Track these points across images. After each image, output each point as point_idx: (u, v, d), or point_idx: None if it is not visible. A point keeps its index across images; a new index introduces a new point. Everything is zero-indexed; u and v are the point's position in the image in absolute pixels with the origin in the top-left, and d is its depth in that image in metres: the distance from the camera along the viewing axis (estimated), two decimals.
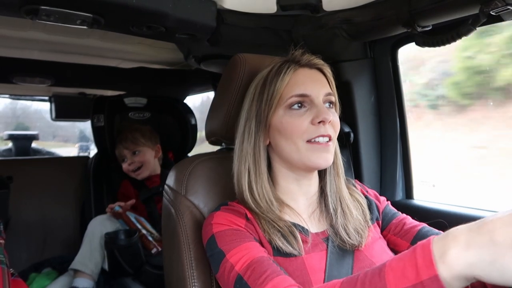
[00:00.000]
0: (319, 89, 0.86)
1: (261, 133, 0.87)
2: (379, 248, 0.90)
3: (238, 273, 0.73)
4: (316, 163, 0.84)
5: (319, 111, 0.83)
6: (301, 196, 0.91)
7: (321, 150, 0.83)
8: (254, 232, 0.82)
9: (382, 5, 1.09)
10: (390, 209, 1.01)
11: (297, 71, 0.87)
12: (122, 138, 2.04)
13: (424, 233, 0.92)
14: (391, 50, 1.35)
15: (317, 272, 0.80)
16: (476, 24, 0.95)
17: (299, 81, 0.86)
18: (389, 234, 0.97)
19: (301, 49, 0.90)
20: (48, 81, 2.19)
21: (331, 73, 0.91)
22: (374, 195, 1.02)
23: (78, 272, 1.77)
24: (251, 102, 0.89)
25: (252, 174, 0.87)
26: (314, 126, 0.83)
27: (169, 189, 0.99)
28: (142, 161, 2.03)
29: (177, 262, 0.91)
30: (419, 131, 1.49)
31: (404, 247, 0.93)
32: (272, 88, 0.85)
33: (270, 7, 1.16)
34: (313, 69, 0.89)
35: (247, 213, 0.84)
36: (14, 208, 1.98)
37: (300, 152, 0.84)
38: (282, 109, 0.85)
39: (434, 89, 1.62)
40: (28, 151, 3.13)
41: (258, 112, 0.87)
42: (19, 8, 0.97)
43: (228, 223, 0.81)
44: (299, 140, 0.83)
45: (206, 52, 1.44)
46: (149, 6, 1.02)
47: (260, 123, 0.87)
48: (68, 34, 1.60)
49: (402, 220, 0.97)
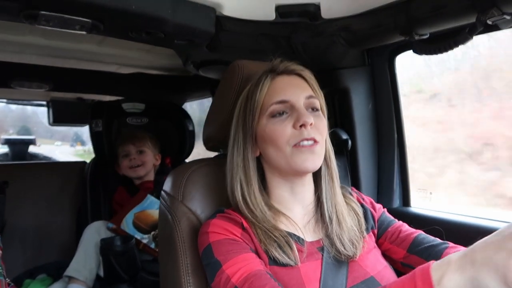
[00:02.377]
0: (298, 94, 0.86)
1: (248, 145, 0.88)
2: (373, 258, 0.90)
3: (235, 285, 0.72)
4: (303, 166, 0.83)
5: (299, 114, 0.83)
6: (296, 204, 0.90)
7: (306, 152, 0.83)
8: (250, 242, 0.81)
9: (380, 13, 1.10)
10: (386, 216, 1.01)
11: (275, 79, 0.88)
12: (130, 136, 2.09)
13: (420, 240, 0.92)
14: (389, 58, 1.36)
15: (312, 282, 0.79)
16: (473, 33, 0.95)
17: (277, 88, 0.87)
18: (385, 242, 0.97)
19: (279, 58, 0.91)
20: (46, 86, 2.19)
21: (313, 77, 0.91)
22: (370, 202, 1.02)
23: (72, 279, 1.76)
24: (238, 114, 0.91)
25: (244, 185, 0.87)
26: (297, 131, 0.83)
27: (166, 195, 0.99)
28: (144, 161, 2.05)
29: (173, 268, 0.91)
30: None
31: (401, 255, 0.93)
32: (253, 100, 0.87)
33: (268, 14, 1.16)
34: (292, 75, 0.90)
35: (243, 222, 0.84)
36: (10, 213, 1.97)
37: (287, 157, 0.84)
38: (265, 118, 0.86)
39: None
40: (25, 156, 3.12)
41: (244, 124, 0.88)
42: (18, 12, 0.97)
43: (225, 232, 0.81)
44: (285, 146, 0.84)
45: (205, 58, 1.45)
46: (148, 12, 1.02)
47: (247, 135, 0.88)
48: (67, 39, 1.61)
49: (398, 227, 0.97)
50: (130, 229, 1.80)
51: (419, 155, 1.51)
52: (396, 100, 1.37)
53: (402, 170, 1.40)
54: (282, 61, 0.90)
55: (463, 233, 1.11)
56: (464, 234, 1.10)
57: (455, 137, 1.55)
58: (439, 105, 1.62)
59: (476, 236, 0.98)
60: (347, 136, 1.33)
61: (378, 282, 0.84)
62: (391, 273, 0.90)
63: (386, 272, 0.89)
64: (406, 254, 0.93)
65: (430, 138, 1.60)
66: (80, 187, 2.35)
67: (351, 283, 0.83)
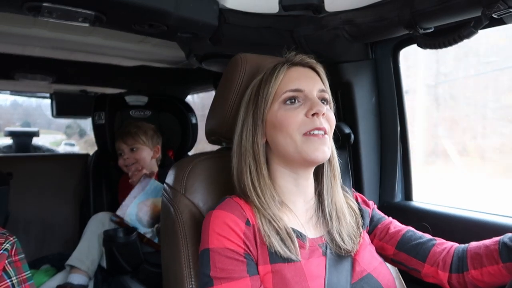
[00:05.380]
0: (312, 85, 0.87)
1: (258, 131, 0.88)
2: (368, 255, 0.91)
3: None
4: (314, 155, 0.83)
5: (313, 103, 0.84)
6: (299, 197, 0.91)
7: (318, 142, 0.83)
8: (252, 243, 0.80)
9: (384, 7, 1.09)
10: (376, 213, 1.02)
11: (291, 69, 0.89)
12: (123, 133, 2.04)
13: (408, 237, 0.94)
14: (392, 52, 1.35)
15: (316, 279, 0.80)
16: (478, 27, 0.94)
17: (293, 77, 0.87)
18: (375, 239, 0.98)
19: (294, 51, 0.92)
20: (49, 78, 2.19)
21: (324, 72, 0.92)
22: (362, 200, 1.03)
23: (74, 268, 1.77)
24: (248, 103, 0.91)
25: (254, 171, 0.87)
26: (308, 119, 0.83)
27: (168, 188, 0.99)
28: (138, 159, 2.01)
29: (175, 261, 0.91)
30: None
31: (390, 252, 0.96)
32: (267, 87, 0.87)
33: (272, 7, 1.16)
34: (306, 67, 0.91)
35: (248, 216, 0.82)
36: (14, 204, 1.98)
37: (297, 145, 0.84)
38: (277, 104, 0.86)
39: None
40: (28, 148, 3.13)
41: (255, 111, 0.88)
42: (21, 5, 0.97)
43: (227, 235, 0.79)
44: (295, 133, 0.84)
45: (208, 51, 1.44)
46: (151, 5, 1.02)
47: (257, 121, 0.88)
48: (70, 31, 1.61)
49: (387, 224, 0.99)
50: (134, 222, 1.80)
51: None
52: (400, 94, 1.37)
53: (404, 164, 1.40)
54: (297, 54, 0.91)
55: (465, 227, 1.11)
56: (467, 228, 1.11)
57: None
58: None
59: (480, 231, 0.99)
60: (349, 130, 1.32)
61: (375, 279, 0.85)
62: (386, 269, 0.91)
63: (382, 268, 0.90)
64: (395, 251, 0.94)
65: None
66: (83, 179, 2.36)
67: (354, 279, 0.84)
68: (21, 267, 1.06)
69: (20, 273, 1.04)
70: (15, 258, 1.05)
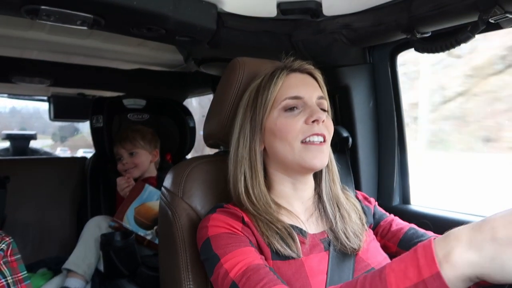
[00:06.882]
0: (311, 92, 0.88)
1: (256, 138, 0.88)
2: (374, 250, 0.91)
3: (232, 279, 0.72)
4: (311, 163, 0.84)
5: (313, 110, 0.84)
6: (296, 200, 0.91)
7: (315, 150, 0.84)
8: (251, 235, 0.81)
9: (382, 11, 1.10)
10: (378, 210, 1.03)
11: (289, 75, 0.89)
12: (122, 137, 2.04)
13: (410, 235, 0.94)
14: (390, 56, 1.36)
15: (317, 275, 0.79)
16: (475, 32, 0.95)
17: (292, 84, 0.87)
18: (377, 237, 0.98)
19: (292, 56, 0.92)
20: (47, 81, 2.19)
21: (322, 78, 0.93)
22: (364, 197, 1.04)
23: (71, 272, 1.76)
24: (245, 109, 0.90)
25: (248, 178, 0.87)
26: (308, 126, 0.84)
27: (166, 191, 0.99)
28: (137, 163, 2.01)
29: (172, 264, 0.91)
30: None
31: (392, 249, 0.95)
32: (266, 93, 0.87)
33: (270, 11, 1.16)
34: (305, 74, 0.91)
35: (243, 217, 0.83)
36: (11, 208, 1.98)
37: (295, 153, 0.84)
38: (277, 112, 0.86)
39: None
40: (26, 151, 3.11)
41: (253, 118, 0.88)
42: (19, 7, 0.97)
43: (224, 226, 0.80)
44: (294, 141, 0.84)
45: (206, 54, 1.45)
46: (149, 8, 1.02)
47: (255, 128, 0.88)
48: (68, 34, 1.61)
49: (390, 222, 0.99)
50: (133, 226, 1.79)
51: None
52: (397, 98, 1.37)
53: (402, 168, 1.40)
54: (295, 59, 0.91)
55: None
56: None
57: None
58: None
59: None
60: (347, 134, 1.33)
61: None
62: None
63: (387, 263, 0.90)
64: (397, 249, 0.94)
65: None
66: (80, 182, 2.35)
67: (357, 274, 0.84)
68: (17, 267, 1.05)
69: (16, 273, 1.04)
70: (11, 258, 1.05)
